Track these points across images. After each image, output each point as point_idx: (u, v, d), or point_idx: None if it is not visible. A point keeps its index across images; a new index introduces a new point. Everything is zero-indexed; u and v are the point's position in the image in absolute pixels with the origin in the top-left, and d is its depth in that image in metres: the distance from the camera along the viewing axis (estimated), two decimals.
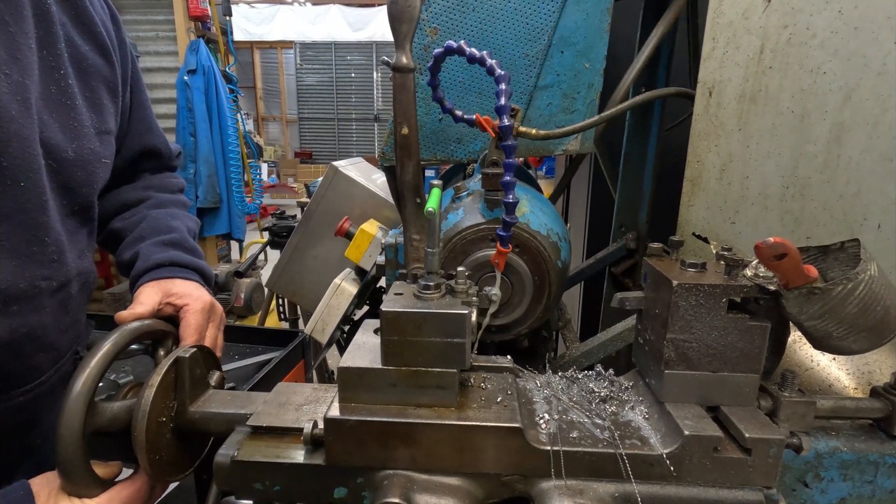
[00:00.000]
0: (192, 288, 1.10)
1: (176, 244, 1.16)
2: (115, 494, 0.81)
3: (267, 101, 16.00)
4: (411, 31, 0.92)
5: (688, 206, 1.27)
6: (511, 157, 0.97)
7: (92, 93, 1.01)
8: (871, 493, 0.79)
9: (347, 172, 2.56)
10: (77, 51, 0.98)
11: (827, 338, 0.69)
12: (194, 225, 1.28)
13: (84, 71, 0.99)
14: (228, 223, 4.82)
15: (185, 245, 1.18)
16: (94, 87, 1.02)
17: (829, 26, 0.99)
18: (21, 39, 0.86)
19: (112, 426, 0.82)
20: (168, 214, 1.22)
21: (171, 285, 1.08)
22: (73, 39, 0.97)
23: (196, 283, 1.13)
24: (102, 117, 1.04)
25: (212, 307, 1.11)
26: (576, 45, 1.26)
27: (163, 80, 4.68)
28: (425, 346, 0.71)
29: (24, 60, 0.87)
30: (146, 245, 1.14)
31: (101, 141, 1.03)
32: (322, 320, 1.89)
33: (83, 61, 0.99)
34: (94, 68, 1.01)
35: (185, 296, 1.06)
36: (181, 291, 1.07)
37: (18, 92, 0.85)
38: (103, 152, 1.04)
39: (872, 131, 0.97)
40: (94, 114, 1.01)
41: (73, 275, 0.99)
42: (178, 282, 1.10)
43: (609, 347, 1.46)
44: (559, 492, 0.69)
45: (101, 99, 1.04)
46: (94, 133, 1.01)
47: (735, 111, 1.15)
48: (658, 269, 0.75)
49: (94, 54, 1.01)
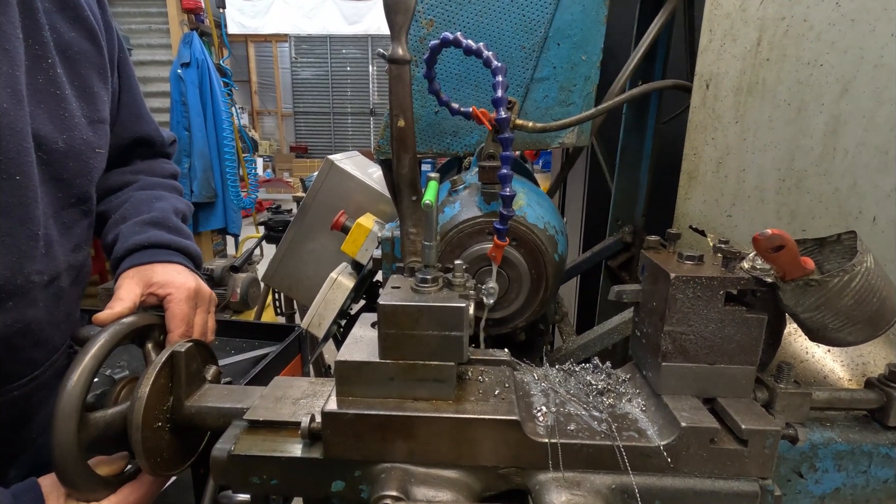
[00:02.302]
0: (173, 273, 1.05)
1: (157, 223, 1.10)
2: (122, 498, 0.81)
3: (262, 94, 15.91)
4: (407, 22, 0.91)
5: (684, 199, 1.27)
6: (508, 150, 0.97)
7: (81, 81, 0.99)
8: (865, 483, 0.80)
9: (343, 166, 2.55)
10: (62, 38, 0.95)
11: (823, 329, 0.69)
12: (184, 206, 1.21)
13: (71, 59, 0.97)
14: (224, 218, 4.80)
15: (166, 224, 1.12)
16: (83, 75, 0.99)
17: (826, 18, 0.99)
18: (9, 29, 0.84)
19: (107, 433, 0.81)
20: (153, 196, 1.16)
21: (151, 273, 1.04)
22: (57, 26, 0.94)
23: (179, 266, 1.08)
24: (94, 106, 1.01)
25: (196, 292, 1.06)
26: (572, 37, 1.25)
27: (156, 74, 4.64)
28: (423, 339, 0.71)
29: (13, 51, 0.85)
30: (126, 226, 1.09)
31: (94, 130, 1.01)
32: (318, 314, 1.88)
33: (69, 48, 0.96)
34: (81, 55, 0.98)
35: (166, 284, 1.02)
36: (162, 280, 1.03)
37: (9, 84, 0.84)
38: (97, 142, 1.01)
39: (869, 124, 0.97)
40: (84, 103, 0.99)
41: (62, 268, 0.97)
42: (158, 268, 1.05)
43: (605, 340, 1.46)
44: (556, 484, 0.69)
45: (93, 86, 1.01)
46: (85, 123, 0.98)
47: (732, 103, 1.15)
48: (656, 262, 0.75)
49: (82, 39, 0.98)
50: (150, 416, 0.79)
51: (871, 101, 0.96)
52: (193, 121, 4.40)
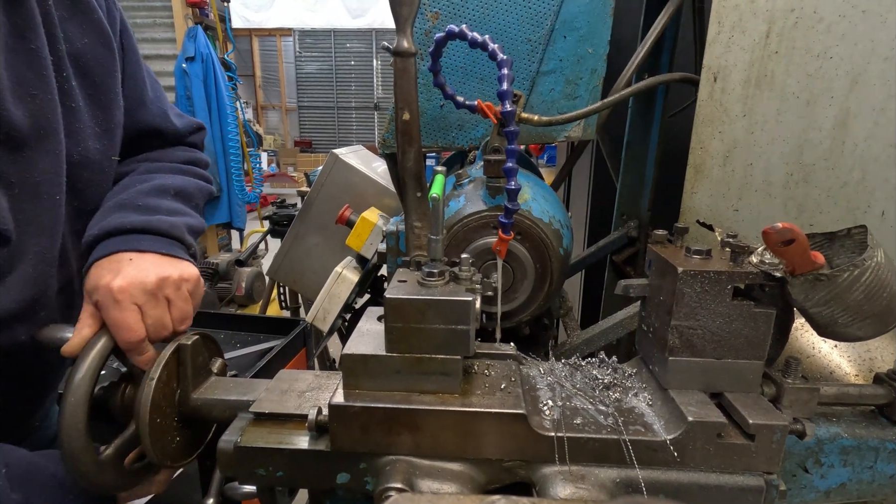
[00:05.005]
0: (102, 273, 0.86)
1: (122, 206, 0.94)
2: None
3: (266, 89, 15.88)
4: (412, 14, 0.91)
5: (691, 193, 1.26)
6: (513, 144, 0.96)
7: (95, 89, 0.95)
8: (871, 478, 0.79)
9: (348, 160, 2.55)
10: (75, 46, 0.91)
11: (832, 324, 0.69)
12: (184, 182, 1.04)
13: (84, 67, 0.92)
14: (229, 212, 4.80)
15: (133, 204, 0.94)
16: (97, 83, 0.95)
17: (836, 10, 0.98)
18: (42, 54, 0.83)
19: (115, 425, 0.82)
20: (140, 180, 1.01)
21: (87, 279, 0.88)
22: (70, 35, 0.90)
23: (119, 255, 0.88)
24: (109, 112, 0.97)
25: (132, 286, 0.83)
26: (579, 29, 1.24)
27: (160, 68, 4.63)
28: (429, 333, 0.71)
29: (48, 77, 0.84)
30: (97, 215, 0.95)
31: (109, 138, 0.97)
32: (323, 309, 1.89)
33: (82, 57, 0.92)
34: (94, 61, 0.94)
35: (93, 290, 0.85)
36: (90, 286, 0.86)
37: (47, 112, 0.84)
38: (112, 150, 0.98)
39: (879, 117, 0.96)
40: (98, 110, 0.95)
41: (74, 273, 0.98)
42: (93, 271, 0.88)
43: (610, 335, 1.46)
44: (561, 477, 0.69)
45: (107, 93, 0.97)
46: (100, 132, 0.95)
47: (740, 96, 1.14)
48: (663, 256, 0.74)
49: (95, 45, 0.94)
50: (157, 408, 0.80)
51: (881, 94, 0.95)
52: (198, 115, 4.39)
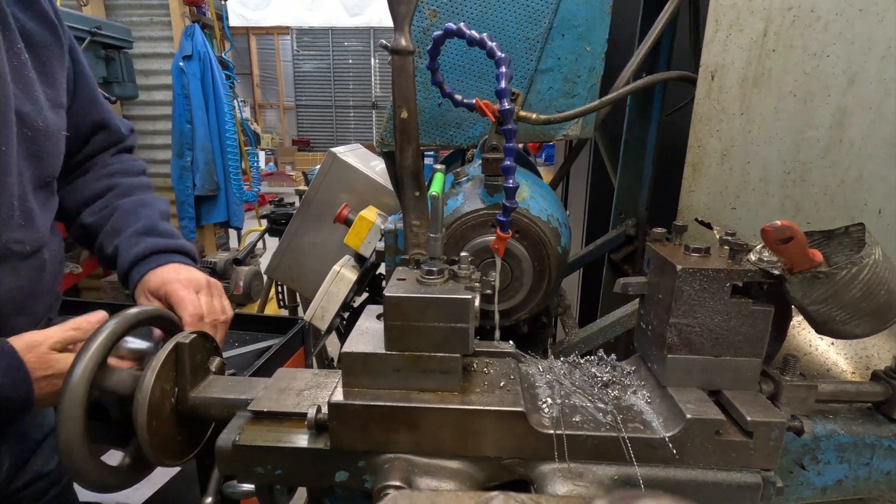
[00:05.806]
0: (168, 271, 1.11)
1: (149, 231, 1.18)
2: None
3: (264, 87, 15.86)
4: (410, 12, 0.91)
5: (689, 191, 1.26)
6: (511, 142, 0.96)
7: (44, 67, 1.05)
8: (868, 475, 0.80)
9: (346, 159, 2.55)
10: (25, 27, 1.01)
11: (830, 322, 0.69)
12: (165, 206, 1.30)
13: (34, 46, 1.03)
14: (226, 211, 4.79)
15: (157, 230, 1.19)
16: (44, 62, 1.05)
17: (833, 8, 0.98)
18: None
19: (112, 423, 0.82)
20: (137, 203, 1.23)
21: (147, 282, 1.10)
22: (18, 16, 1.00)
23: (176, 265, 1.14)
24: (56, 91, 1.07)
25: (196, 280, 1.11)
26: (577, 27, 1.24)
27: (158, 66, 4.61)
28: (429, 331, 0.71)
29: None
30: (122, 239, 1.16)
31: (57, 115, 1.07)
32: (321, 307, 1.89)
33: (31, 37, 1.02)
34: (42, 44, 1.04)
35: (164, 282, 1.08)
36: (159, 281, 1.09)
37: None
38: (61, 125, 1.08)
39: (876, 115, 0.96)
40: (48, 88, 1.05)
41: (44, 241, 1.04)
42: (157, 272, 1.11)
43: (608, 333, 1.47)
44: (559, 474, 0.69)
45: (54, 73, 1.07)
46: (50, 107, 1.05)
47: (737, 95, 1.14)
48: (662, 255, 0.74)
49: (43, 30, 1.05)
50: (155, 406, 0.80)
51: (878, 93, 0.96)
52: (196, 114, 4.38)
